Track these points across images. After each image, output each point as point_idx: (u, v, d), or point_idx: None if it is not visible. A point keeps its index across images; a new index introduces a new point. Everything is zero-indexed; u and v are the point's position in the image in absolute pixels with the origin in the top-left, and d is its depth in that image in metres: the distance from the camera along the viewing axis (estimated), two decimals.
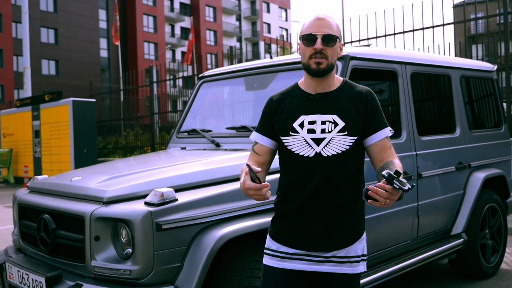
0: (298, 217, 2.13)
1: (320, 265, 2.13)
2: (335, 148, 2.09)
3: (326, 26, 2.13)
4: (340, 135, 2.10)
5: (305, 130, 2.12)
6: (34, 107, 15.97)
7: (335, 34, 2.14)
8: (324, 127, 2.10)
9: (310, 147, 2.10)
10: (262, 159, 2.25)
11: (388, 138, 2.19)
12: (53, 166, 14.98)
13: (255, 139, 2.30)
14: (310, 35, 2.13)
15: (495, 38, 9.11)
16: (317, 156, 2.09)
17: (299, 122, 2.14)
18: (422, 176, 4.01)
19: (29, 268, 3.04)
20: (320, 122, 2.11)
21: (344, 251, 2.12)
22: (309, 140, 2.11)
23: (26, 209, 3.39)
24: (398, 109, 3.93)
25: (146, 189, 2.82)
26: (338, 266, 2.12)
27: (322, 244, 2.11)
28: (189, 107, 4.60)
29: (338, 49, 2.18)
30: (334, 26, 2.15)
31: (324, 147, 2.09)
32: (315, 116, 2.13)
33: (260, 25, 64.18)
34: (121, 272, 2.61)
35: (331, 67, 2.15)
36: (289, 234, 2.16)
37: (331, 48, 2.12)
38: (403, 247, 3.96)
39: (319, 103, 2.15)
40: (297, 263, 2.14)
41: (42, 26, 41.73)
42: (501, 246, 4.95)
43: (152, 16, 51.43)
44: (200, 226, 2.74)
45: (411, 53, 4.61)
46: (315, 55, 2.11)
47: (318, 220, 2.11)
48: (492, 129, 5.17)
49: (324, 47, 2.11)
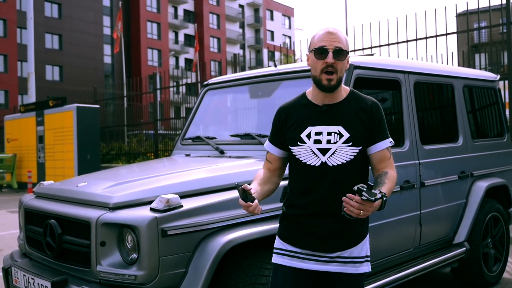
0: (305, 221, 2.24)
1: (325, 265, 2.23)
2: (340, 158, 2.19)
3: (337, 40, 2.20)
4: (345, 146, 2.19)
5: (312, 141, 2.22)
6: (38, 113, 16.03)
7: (345, 48, 2.22)
8: (330, 138, 2.20)
9: (316, 156, 2.21)
10: (274, 166, 2.41)
11: (389, 149, 2.28)
12: (57, 172, 15.02)
13: (267, 148, 2.45)
14: (322, 49, 2.20)
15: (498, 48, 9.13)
16: (322, 165, 2.20)
17: (306, 133, 2.24)
18: (425, 184, 4.03)
19: (35, 273, 3.07)
20: (326, 133, 2.21)
21: (348, 252, 2.23)
22: (315, 150, 2.21)
23: (32, 214, 3.42)
24: (401, 118, 3.96)
25: (152, 195, 2.85)
26: (342, 266, 2.22)
27: (326, 245, 2.22)
28: (193, 114, 4.64)
29: (346, 63, 2.25)
30: (344, 40, 2.23)
31: (329, 157, 2.19)
32: (321, 127, 2.23)
33: (263, 33, 64.37)
34: (126, 277, 2.63)
35: (340, 81, 2.23)
36: (296, 235, 2.27)
37: (341, 62, 2.20)
38: (406, 255, 3.97)
39: (325, 114, 2.25)
40: (304, 262, 2.25)
41: (46, 32, 41.93)
42: (503, 255, 4.96)
43: (156, 22, 51.63)
44: (205, 232, 2.77)
45: (414, 62, 4.65)
46: (327, 68, 2.18)
47: (324, 224, 2.21)
48: (495, 139, 5.19)
49: (335, 61, 2.18)
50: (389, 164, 2.26)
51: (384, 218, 3.66)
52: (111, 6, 48.01)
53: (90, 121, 14.64)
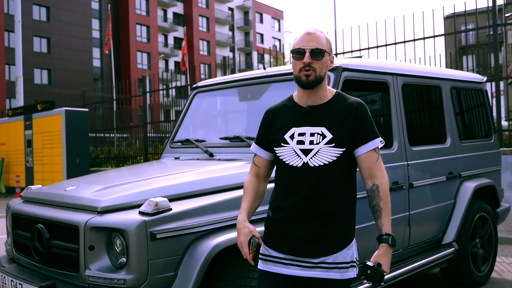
0: (288, 224, 2.22)
1: (309, 270, 2.20)
2: (322, 159, 2.18)
3: (315, 40, 2.22)
4: (328, 147, 2.18)
5: (295, 142, 2.23)
6: (26, 117, 15.91)
7: (323, 48, 2.22)
8: (313, 139, 2.20)
9: (298, 157, 2.21)
10: (262, 172, 2.41)
11: (377, 150, 2.25)
12: (45, 176, 14.91)
13: (254, 151, 2.44)
14: (299, 50, 2.23)
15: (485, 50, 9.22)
16: (304, 166, 2.19)
17: (290, 134, 2.25)
18: (414, 185, 4.05)
19: (23, 278, 3.05)
20: (309, 134, 2.21)
21: (332, 257, 2.19)
22: (297, 150, 2.21)
23: (20, 218, 3.39)
24: (390, 120, 3.98)
25: (141, 199, 2.84)
26: (326, 271, 2.19)
27: (310, 250, 2.19)
28: (182, 117, 4.63)
29: (327, 62, 2.26)
30: (323, 40, 2.24)
31: (311, 158, 2.19)
32: (305, 128, 2.23)
33: (253, 35, 64.40)
34: (115, 281, 2.62)
35: (320, 79, 2.23)
36: (279, 240, 2.25)
37: (319, 61, 2.21)
38: (395, 256, 3.98)
39: (309, 115, 2.25)
40: (289, 268, 2.22)
41: (34, 35, 41.64)
42: (491, 255, 4.99)
43: (145, 26, 51.48)
44: (194, 235, 2.76)
45: (402, 64, 4.67)
46: (304, 68, 2.21)
47: (307, 228, 2.19)
48: (482, 140, 5.23)
49: (312, 61, 2.20)
50: (377, 168, 2.23)
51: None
52: (99, 9, 47.80)
53: (79, 125, 14.55)
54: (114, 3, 48.56)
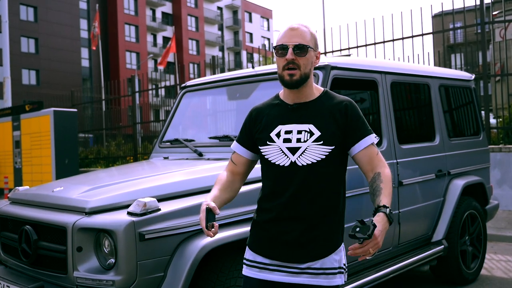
0: (274, 227, 2.12)
1: (296, 276, 2.10)
2: (310, 158, 2.08)
3: (298, 35, 2.11)
4: (316, 145, 2.09)
5: (281, 140, 2.13)
6: (14, 118, 15.77)
7: (307, 43, 2.11)
8: (300, 137, 2.10)
9: (285, 156, 2.11)
10: (237, 169, 2.30)
11: (374, 145, 2.16)
12: (34, 177, 14.80)
13: (234, 148, 2.34)
14: (282, 46, 2.12)
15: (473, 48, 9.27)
16: (292, 165, 2.09)
17: (276, 131, 2.15)
18: (403, 184, 4.06)
19: (11, 280, 3.02)
20: (296, 132, 2.12)
21: (319, 263, 2.09)
22: (284, 149, 2.11)
23: (7, 220, 3.36)
24: (379, 118, 3.99)
25: (129, 199, 2.82)
26: (313, 278, 2.09)
27: (296, 255, 2.09)
28: (171, 116, 4.61)
29: (312, 58, 2.16)
30: (307, 35, 2.13)
31: (299, 156, 2.09)
32: (292, 125, 2.14)
33: (242, 35, 64.39)
34: (104, 282, 2.60)
35: (305, 77, 2.13)
36: (265, 244, 2.15)
37: (303, 57, 2.10)
38: (385, 255, 4.00)
39: (296, 112, 2.16)
40: (274, 274, 2.13)
41: (22, 35, 41.33)
42: (480, 252, 5.02)
43: (134, 25, 51.27)
44: (183, 235, 2.75)
45: (391, 62, 4.68)
46: (288, 65, 2.10)
47: (293, 230, 2.09)
48: (471, 137, 5.25)
49: (296, 57, 2.09)
50: (379, 161, 2.13)
51: (363, 218, 3.67)
52: (87, 9, 47.53)
53: (68, 126, 14.44)
54: (102, 3, 48.30)
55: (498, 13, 11.14)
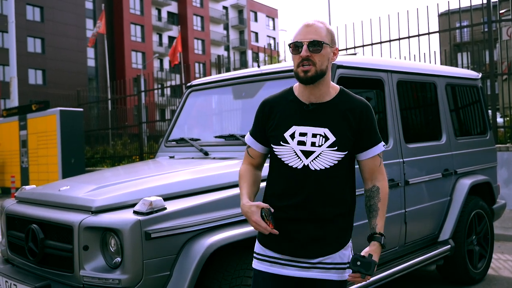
0: (285, 225, 2.12)
1: (307, 271, 2.13)
2: (324, 163, 2.08)
3: (313, 32, 2.09)
4: (330, 150, 2.07)
5: (296, 142, 2.10)
6: (21, 117, 15.84)
7: (322, 39, 2.08)
8: (315, 140, 2.08)
9: (299, 158, 2.10)
10: (256, 161, 2.31)
11: (380, 155, 2.18)
12: (41, 176, 14.85)
13: (249, 143, 2.33)
14: (296, 43, 2.10)
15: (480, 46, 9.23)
16: (304, 168, 2.09)
17: (290, 132, 2.12)
18: (409, 183, 4.05)
19: (17, 279, 3.03)
20: (311, 135, 2.09)
21: (330, 258, 2.13)
22: (298, 152, 2.10)
23: (14, 219, 3.37)
24: (385, 117, 3.97)
25: (135, 198, 2.82)
26: (325, 272, 2.12)
27: (307, 252, 2.12)
28: (177, 116, 4.61)
29: (329, 54, 2.12)
30: (322, 31, 2.10)
31: (312, 161, 2.08)
32: (307, 128, 2.11)
33: (247, 34, 64.37)
34: (110, 281, 2.60)
35: (321, 74, 2.10)
36: (275, 240, 2.15)
37: (318, 54, 2.07)
38: (391, 254, 3.98)
39: (312, 114, 2.12)
40: (285, 268, 2.15)
41: (28, 35, 41.47)
42: (488, 252, 4.99)
43: (140, 25, 51.36)
44: (189, 234, 2.74)
45: (397, 61, 4.66)
46: (302, 62, 2.08)
47: (304, 230, 2.11)
48: (478, 136, 5.23)
49: (311, 54, 2.07)
50: (380, 173, 2.17)
51: None
52: (93, 9, 47.65)
53: (74, 125, 14.50)
54: (108, 2, 48.41)
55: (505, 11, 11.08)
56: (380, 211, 2.14)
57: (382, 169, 2.20)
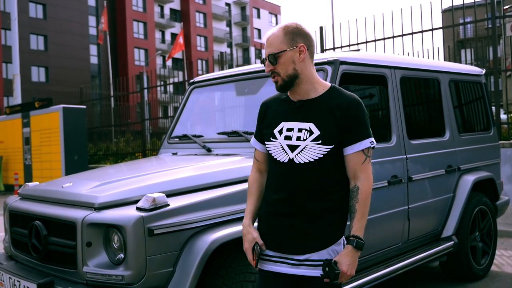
0: (274, 220, 2.18)
1: (296, 268, 2.14)
2: (308, 156, 2.11)
3: (269, 45, 2.16)
4: (314, 144, 2.11)
5: (283, 137, 2.17)
6: (24, 114, 15.87)
7: (278, 48, 2.13)
8: (300, 135, 2.14)
9: (285, 153, 2.15)
10: (263, 167, 2.36)
11: (365, 151, 2.13)
12: (44, 173, 14.89)
13: (253, 144, 2.39)
14: (262, 59, 2.21)
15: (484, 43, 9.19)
16: (290, 162, 2.13)
17: (279, 128, 2.20)
18: (412, 179, 4.04)
19: (21, 275, 3.03)
20: (297, 130, 2.15)
21: (317, 255, 2.11)
22: (285, 146, 2.16)
23: (17, 216, 3.38)
24: (388, 113, 3.96)
25: (138, 195, 2.82)
26: (311, 269, 2.11)
27: (295, 248, 2.14)
28: (180, 112, 4.61)
29: (291, 58, 2.15)
30: (278, 39, 2.15)
31: (297, 154, 2.12)
32: (293, 123, 2.17)
33: (250, 31, 64.30)
34: (113, 277, 2.61)
35: (291, 79, 2.16)
36: (267, 236, 2.21)
37: (278, 64, 2.14)
38: (394, 250, 3.98)
39: (299, 110, 2.18)
40: (278, 265, 2.18)
41: (31, 33, 41.52)
42: (491, 248, 4.99)
43: (142, 22, 51.36)
44: (192, 231, 2.75)
45: (401, 57, 4.65)
46: (271, 75, 2.19)
47: (292, 225, 2.13)
48: (481, 133, 5.21)
49: (273, 67, 2.16)
50: (362, 171, 2.12)
51: (372, 214, 3.66)
52: (96, 6, 47.64)
53: (77, 122, 14.52)
54: None
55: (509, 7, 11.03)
56: (358, 213, 2.10)
57: (366, 168, 2.14)
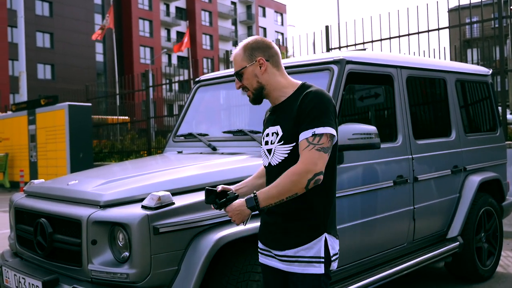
0: (263, 217, 2.34)
1: (278, 262, 2.25)
2: (277, 158, 2.21)
3: (234, 63, 2.29)
4: (279, 145, 2.20)
5: (264, 142, 2.31)
6: (30, 112, 15.93)
7: (240, 66, 2.25)
8: (272, 139, 2.25)
9: (266, 157, 2.29)
10: None
11: (309, 139, 2.06)
12: (49, 171, 14.94)
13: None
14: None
15: (490, 42, 9.15)
16: (269, 165, 2.27)
17: (264, 134, 2.33)
18: (418, 179, 4.02)
19: (26, 272, 3.04)
20: (271, 134, 2.26)
21: (293, 251, 2.18)
22: (265, 150, 2.30)
23: (23, 213, 3.39)
24: (394, 113, 3.95)
25: (143, 193, 2.83)
26: (288, 265, 2.20)
27: (276, 243, 2.24)
28: (185, 111, 4.61)
29: (253, 72, 2.24)
30: (239, 57, 2.27)
31: (272, 157, 2.24)
32: (270, 128, 2.29)
33: (256, 30, 64.25)
34: (118, 275, 2.61)
35: (259, 91, 2.26)
36: (259, 231, 2.38)
37: (243, 80, 2.27)
38: (399, 251, 3.97)
39: (273, 115, 2.30)
40: (267, 259, 2.31)
41: (37, 30, 41.66)
42: (496, 249, 4.97)
43: (148, 20, 51.43)
44: (197, 229, 2.75)
45: (407, 57, 4.63)
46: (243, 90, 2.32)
47: (272, 222, 2.26)
48: (488, 133, 5.19)
49: (241, 84, 2.29)
50: (301, 155, 2.06)
51: (378, 214, 3.66)
52: (102, 4, 47.73)
53: (83, 120, 14.57)
54: None
55: None
56: (273, 184, 2.10)
57: (307, 155, 2.05)
